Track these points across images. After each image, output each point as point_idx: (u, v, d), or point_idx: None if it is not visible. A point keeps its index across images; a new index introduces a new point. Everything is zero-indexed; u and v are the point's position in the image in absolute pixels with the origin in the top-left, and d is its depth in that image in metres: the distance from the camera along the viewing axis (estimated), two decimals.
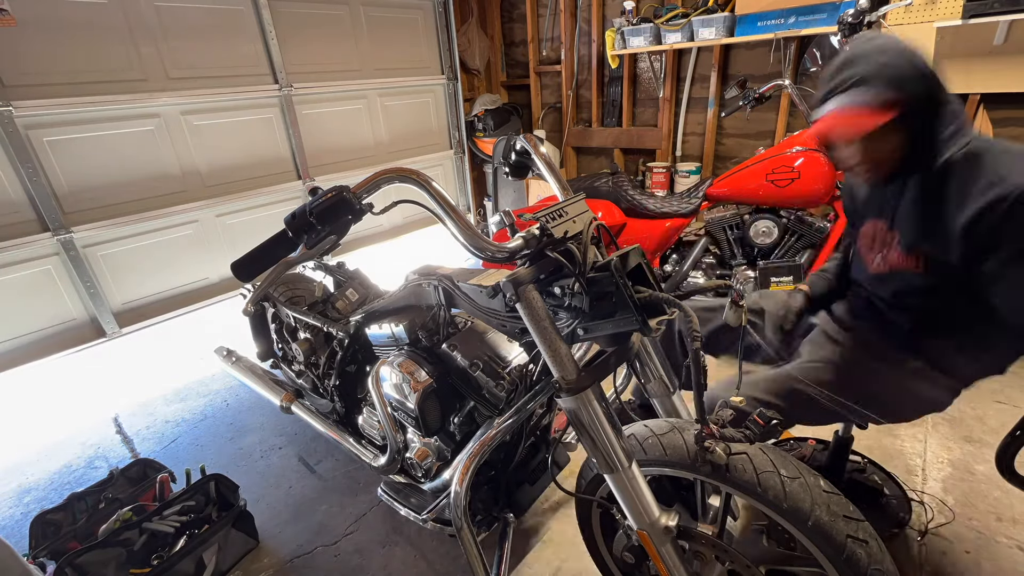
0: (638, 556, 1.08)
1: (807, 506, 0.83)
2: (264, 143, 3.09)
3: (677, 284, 2.47)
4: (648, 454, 0.98)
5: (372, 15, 3.47)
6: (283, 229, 0.84)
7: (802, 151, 2.13)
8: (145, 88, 2.58)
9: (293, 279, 1.96)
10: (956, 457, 1.78)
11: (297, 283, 1.94)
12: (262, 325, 2.02)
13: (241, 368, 2.10)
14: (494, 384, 1.18)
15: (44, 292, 2.42)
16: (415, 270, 1.31)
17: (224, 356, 2.21)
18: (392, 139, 3.81)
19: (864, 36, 1.13)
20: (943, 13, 2.41)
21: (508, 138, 1.22)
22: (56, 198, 2.39)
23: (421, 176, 0.89)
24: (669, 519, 0.93)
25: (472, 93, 4.55)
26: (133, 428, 2.40)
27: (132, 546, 1.49)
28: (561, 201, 0.96)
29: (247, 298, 1.92)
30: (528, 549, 1.58)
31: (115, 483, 1.77)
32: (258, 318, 2.01)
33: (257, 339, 2.04)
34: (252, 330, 2.03)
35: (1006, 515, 1.55)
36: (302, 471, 2.02)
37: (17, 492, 2.06)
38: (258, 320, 2.01)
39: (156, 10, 2.54)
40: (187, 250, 2.87)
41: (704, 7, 3.11)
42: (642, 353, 1.07)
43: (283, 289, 1.91)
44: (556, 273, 0.93)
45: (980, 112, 2.60)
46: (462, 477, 1.05)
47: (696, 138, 3.70)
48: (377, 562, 1.60)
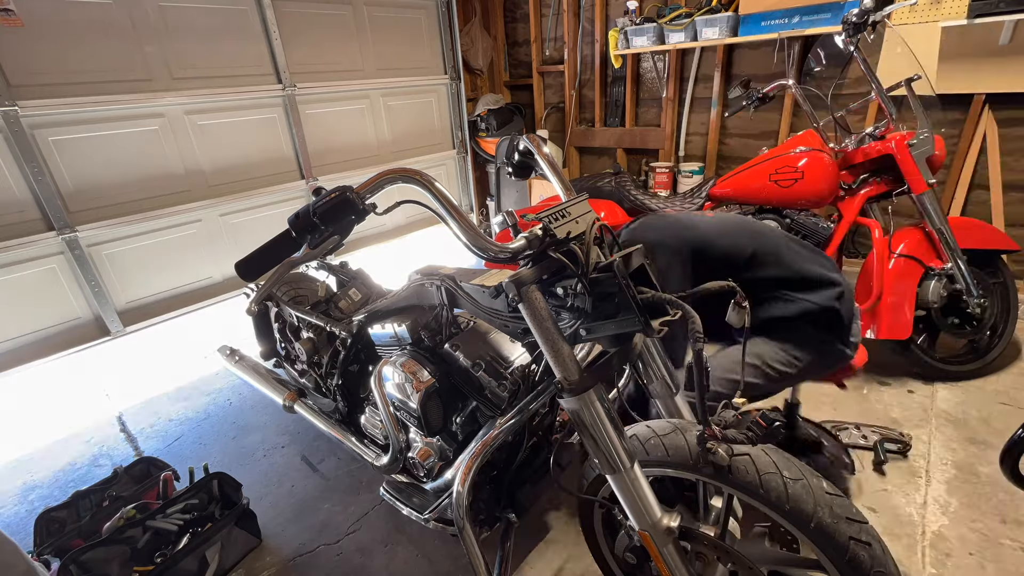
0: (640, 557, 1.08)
1: (810, 508, 0.82)
2: (267, 143, 3.10)
3: None
4: (650, 455, 0.98)
5: (375, 15, 3.48)
6: (287, 229, 0.84)
7: (806, 151, 2.12)
8: (149, 88, 2.59)
9: (296, 279, 1.96)
10: (960, 459, 1.77)
11: (300, 283, 1.95)
12: (265, 324, 2.02)
13: (244, 367, 2.11)
14: (496, 384, 1.18)
15: (49, 291, 2.43)
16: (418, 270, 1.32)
17: (227, 355, 2.21)
18: (395, 139, 3.81)
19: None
20: (948, 13, 2.40)
21: (511, 138, 1.22)
22: (61, 197, 2.40)
23: (424, 176, 0.89)
24: (671, 520, 0.93)
25: (475, 93, 4.56)
26: (137, 426, 2.41)
27: (136, 544, 1.50)
28: (564, 201, 0.96)
29: (251, 297, 1.92)
30: (530, 549, 1.58)
31: (119, 481, 1.77)
32: (261, 317, 2.02)
33: (260, 338, 2.04)
34: (255, 329, 2.03)
35: (1010, 517, 1.54)
36: (305, 470, 2.03)
37: (22, 489, 2.07)
38: (261, 319, 2.02)
39: (160, 10, 2.55)
40: (191, 249, 2.88)
41: (708, 7, 3.10)
42: (644, 354, 1.07)
43: (286, 288, 1.92)
44: (559, 273, 0.93)
45: (985, 112, 2.59)
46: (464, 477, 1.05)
47: (699, 138, 3.69)
48: (379, 561, 1.60)
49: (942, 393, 2.10)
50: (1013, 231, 2.70)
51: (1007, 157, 2.63)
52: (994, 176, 2.65)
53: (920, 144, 1.98)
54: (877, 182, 2.16)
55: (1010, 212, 2.69)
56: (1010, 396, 2.04)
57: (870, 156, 2.10)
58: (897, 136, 2.01)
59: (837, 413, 2.03)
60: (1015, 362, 2.24)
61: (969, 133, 2.66)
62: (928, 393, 2.11)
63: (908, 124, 2.08)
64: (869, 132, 2.13)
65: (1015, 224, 2.70)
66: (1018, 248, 2.09)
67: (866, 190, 2.16)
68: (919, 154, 1.98)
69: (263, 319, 2.02)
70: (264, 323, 2.03)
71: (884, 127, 2.13)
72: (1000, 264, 2.15)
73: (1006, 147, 2.62)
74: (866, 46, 2.09)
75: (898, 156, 2.00)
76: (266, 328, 2.03)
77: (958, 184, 2.76)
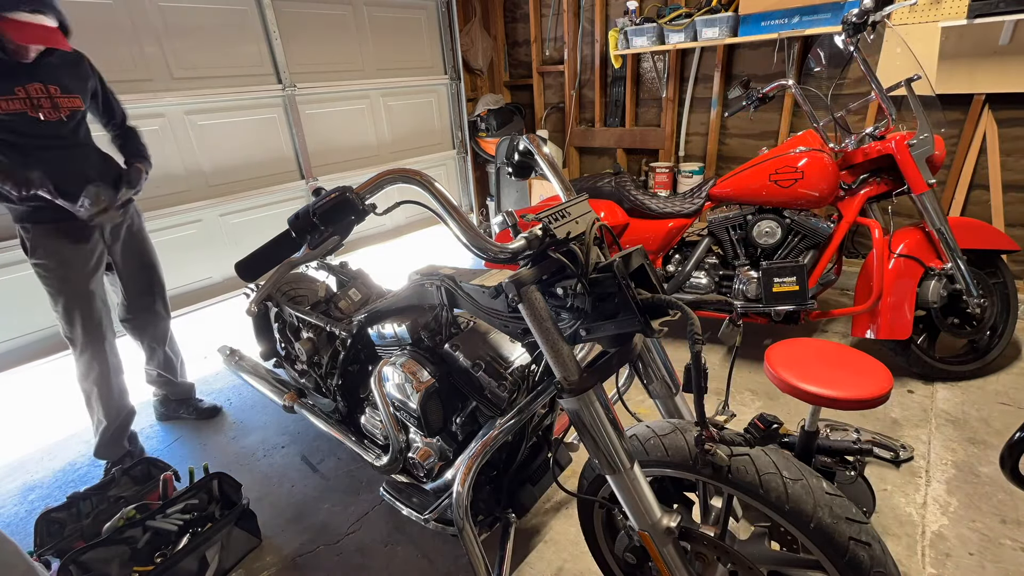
0: (640, 557, 1.08)
1: (809, 508, 0.82)
2: (267, 143, 3.10)
3: (680, 284, 2.47)
4: (650, 455, 0.98)
5: (375, 15, 3.48)
6: (287, 229, 0.84)
7: (805, 151, 2.12)
8: (150, 88, 2.59)
9: (296, 279, 1.97)
10: (960, 459, 1.77)
11: (300, 283, 1.95)
12: (265, 325, 2.02)
13: (244, 367, 2.11)
14: (496, 384, 1.18)
15: None
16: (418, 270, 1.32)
17: (227, 355, 2.21)
18: (395, 139, 3.81)
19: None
20: (948, 13, 2.40)
21: (511, 138, 1.22)
22: None
23: (424, 177, 0.89)
24: (671, 520, 0.93)
25: (475, 93, 4.56)
26: (137, 426, 2.40)
27: (136, 544, 1.50)
28: (564, 201, 0.96)
29: (250, 298, 1.92)
30: (530, 549, 1.58)
31: (119, 482, 1.77)
32: (261, 318, 2.02)
33: (260, 338, 2.04)
34: (255, 330, 2.03)
35: (1010, 517, 1.54)
36: (304, 470, 2.03)
37: (21, 490, 2.07)
38: (261, 320, 2.02)
39: (160, 10, 2.56)
40: (191, 249, 2.88)
41: (708, 7, 3.10)
42: (644, 354, 1.07)
43: (286, 289, 1.92)
44: (559, 274, 0.93)
45: (985, 112, 2.59)
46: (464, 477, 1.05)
47: (699, 138, 3.69)
48: (379, 561, 1.60)
49: (942, 393, 2.10)
50: (1013, 231, 2.70)
51: (1007, 157, 2.63)
52: (994, 176, 2.65)
53: (920, 144, 1.98)
54: (877, 182, 2.16)
55: (1010, 212, 2.69)
56: (1010, 396, 2.04)
57: (870, 156, 2.10)
58: (897, 136, 2.01)
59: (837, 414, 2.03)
60: (1015, 362, 2.24)
61: (969, 133, 2.66)
62: (928, 393, 2.11)
63: (908, 124, 2.08)
64: (869, 132, 2.14)
65: (1015, 224, 2.70)
66: (1018, 248, 2.09)
67: (866, 190, 2.16)
68: (919, 154, 1.99)
69: (263, 319, 2.02)
70: (264, 323, 2.03)
71: (884, 127, 2.13)
72: (1000, 264, 2.15)
73: (1006, 147, 2.62)
74: (866, 46, 2.09)
75: (898, 156, 2.00)
76: (266, 328, 2.03)
77: (958, 184, 2.76)
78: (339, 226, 0.84)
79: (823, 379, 1.32)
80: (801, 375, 1.34)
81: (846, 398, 1.26)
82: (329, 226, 0.83)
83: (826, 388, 1.29)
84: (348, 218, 0.84)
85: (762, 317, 2.27)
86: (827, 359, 1.41)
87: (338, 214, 0.83)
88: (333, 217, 0.83)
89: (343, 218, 0.83)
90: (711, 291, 2.43)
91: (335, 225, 0.84)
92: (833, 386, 1.29)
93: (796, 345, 1.48)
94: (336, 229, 0.84)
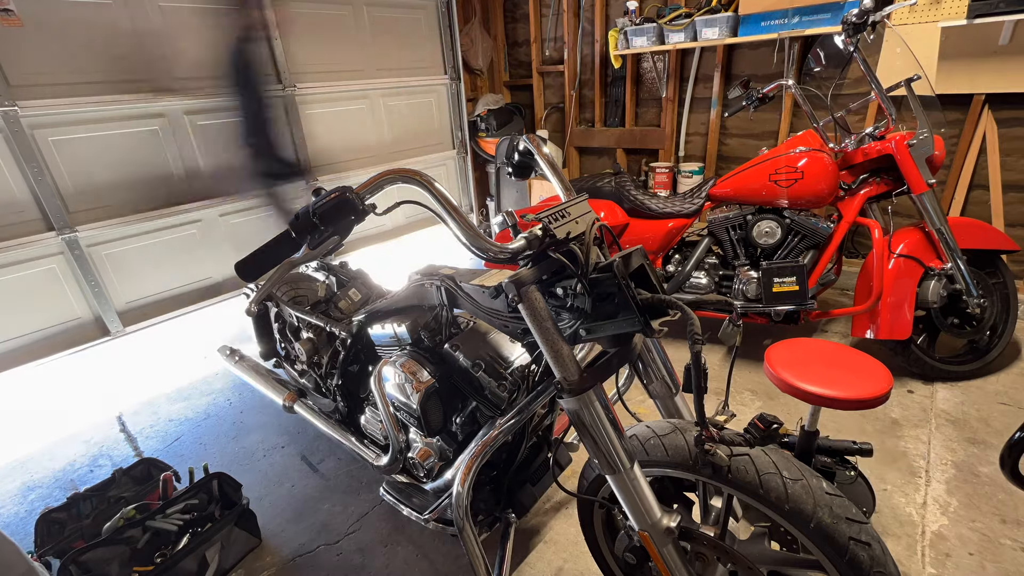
0: (640, 557, 1.08)
1: (809, 508, 0.82)
2: None
3: (680, 284, 2.47)
4: (650, 455, 0.98)
5: (375, 15, 3.48)
6: (286, 229, 0.84)
7: (805, 151, 2.12)
8: (149, 88, 2.58)
9: (296, 279, 1.97)
10: (960, 459, 1.77)
11: (300, 283, 1.95)
12: (265, 325, 2.02)
13: (244, 367, 2.11)
14: (496, 384, 1.18)
15: (49, 291, 2.43)
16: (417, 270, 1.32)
17: (227, 355, 2.21)
18: (395, 139, 3.81)
19: None
20: (948, 13, 2.40)
21: (511, 138, 1.22)
22: (61, 197, 2.40)
23: (424, 177, 0.89)
24: (671, 520, 0.93)
25: (475, 93, 4.56)
26: (137, 427, 2.41)
27: (136, 544, 1.50)
28: (564, 201, 0.96)
29: (250, 298, 1.92)
30: (530, 549, 1.58)
31: (119, 482, 1.77)
32: (261, 318, 2.02)
33: (260, 338, 2.04)
34: (255, 330, 2.03)
35: (1010, 517, 1.54)
36: (304, 470, 2.03)
37: (21, 490, 2.07)
38: (261, 320, 2.02)
39: (160, 10, 2.55)
40: (191, 249, 2.88)
41: (707, 7, 3.10)
42: (644, 354, 1.07)
43: (286, 289, 1.92)
44: (558, 274, 0.93)
45: (985, 112, 2.59)
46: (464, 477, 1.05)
47: (699, 138, 3.69)
48: (379, 561, 1.60)
49: (942, 393, 2.10)
50: (1013, 231, 2.70)
51: (1007, 157, 2.63)
52: (994, 176, 2.65)
53: (920, 144, 1.98)
54: (877, 182, 2.16)
55: (1010, 212, 2.69)
56: (1010, 396, 2.04)
57: (870, 156, 2.10)
58: (897, 136, 2.01)
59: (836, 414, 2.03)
60: (1015, 362, 2.24)
61: (969, 133, 2.66)
62: (928, 393, 2.11)
63: (908, 124, 2.08)
64: (869, 132, 2.14)
65: (1015, 224, 2.70)
66: (1018, 248, 2.09)
67: (866, 190, 2.16)
68: (919, 154, 1.99)
69: (263, 319, 2.02)
70: (264, 323, 2.03)
71: (884, 127, 2.13)
72: (1000, 264, 2.15)
73: (1006, 147, 2.62)
74: (866, 46, 2.09)
75: (898, 156, 2.00)
76: (266, 328, 2.03)
77: (958, 184, 2.76)
78: (339, 226, 0.84)
79: (823, 379, 1.31)
80: (801, 375, 1.34)
81: (846, 398, 1.26)
82: (329, 226, 0.83)
83: (826, 388, 1.28)
84: (348, 218, 0.84)
85: (762, 317, 2.27)
86: (827, 359, 1.40)
87: (338, 214, 0.83)
88: (333, 217, 0.83)
89: (343, 218, 0.83)
90: (711, 291, 2.43)
91: (335, 225, 0.84)
92: (833, 386, 1.29)
93: (796, 345, 1.48)
94: (336, 229, 0.84)
